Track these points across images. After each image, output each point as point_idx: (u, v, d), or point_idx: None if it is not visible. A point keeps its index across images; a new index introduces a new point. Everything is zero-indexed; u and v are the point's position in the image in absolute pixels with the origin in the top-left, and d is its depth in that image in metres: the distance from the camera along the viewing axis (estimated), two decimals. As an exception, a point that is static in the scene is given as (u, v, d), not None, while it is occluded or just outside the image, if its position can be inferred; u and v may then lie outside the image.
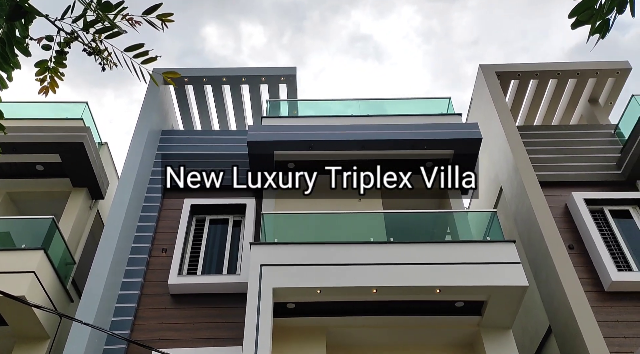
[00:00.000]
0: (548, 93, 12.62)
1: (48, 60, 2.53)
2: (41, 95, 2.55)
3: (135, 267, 9.09)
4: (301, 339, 8.07)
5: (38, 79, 2.54)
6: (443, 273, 7.71)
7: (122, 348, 7.96)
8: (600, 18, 2.78)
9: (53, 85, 2.54)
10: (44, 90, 2.56)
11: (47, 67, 2.54)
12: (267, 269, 7.85)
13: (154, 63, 2.48)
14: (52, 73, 2.55)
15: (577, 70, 11.94)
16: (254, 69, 11.86)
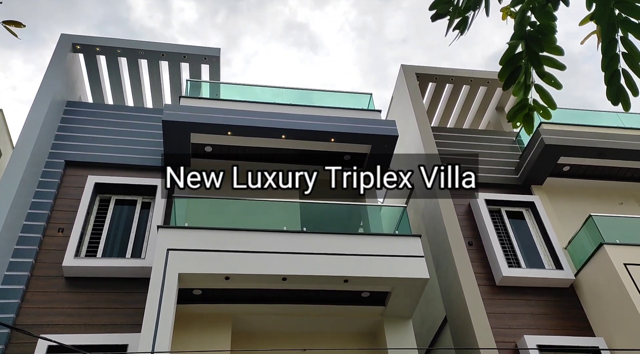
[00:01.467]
0: (461, 98, 13.31)
1: None
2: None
3: (26, 246, 8.36)
4: (206, 326, 7.88)
5: None
6: (351, 264, 7.85)
7: (4, 332, 7.29)
8: (460, 15, 3.00)
9: None
10: None
11: None
12: (174, 254, 7.56)
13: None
14: None
15: (487, 78, 12.69)
16: (175, 46, 11.33)
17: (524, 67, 3.13)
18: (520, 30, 3.02)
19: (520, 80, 3.18)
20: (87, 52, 10.99)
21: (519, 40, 3.07)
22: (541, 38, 2.98)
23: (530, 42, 3.02)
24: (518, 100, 3.24)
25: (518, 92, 3.22)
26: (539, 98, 3.20)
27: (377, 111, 10.75)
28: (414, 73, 12.31)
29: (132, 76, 11.71)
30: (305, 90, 11.64)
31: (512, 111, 3.28)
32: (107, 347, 7.37)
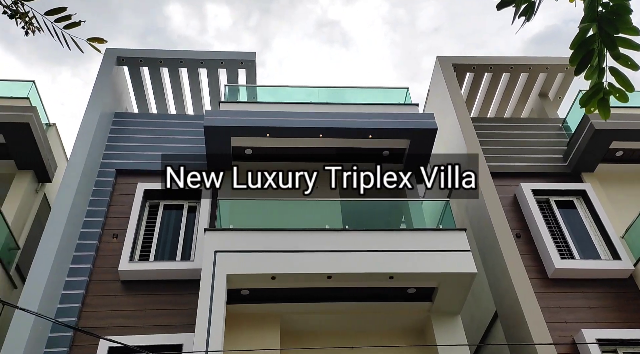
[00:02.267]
0: (501, 87, 12.99)
1: None
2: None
3: (84, 253, 8.80)
4: (255, 326, 8.06)
5: None
6: (396, 260, 7.85)
7: (69, 335, 7.72)
8: (526, 1, 2.93)
9: None
10: None
11: None
12: (222, 255, 7.78)
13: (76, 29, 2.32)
14: None
15: (528, 64, 12.33)
16: (212, 53, 11.62)
17: (597, 49, 3.00)
18: (591, 12, 2.90)
19: (593, 63, 3.06)
20: (130, 64, 11.43)
21: (590, 23, 2.94)
22: (615, 19, 2.86)
23: (604, 24, 2.90)
24: (592, 85, 3.12)
25: (591, 76, 3.09)
26: (614, 81, 3.06)
27: (415, 105, 10.67)
28: (450, 64, 12.10)
29: (173, 84, 12.09)
30: (340, 88, 11.69)
31: (585, 96, 3.14)
32: (164, 347, 7.67)
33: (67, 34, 2.27)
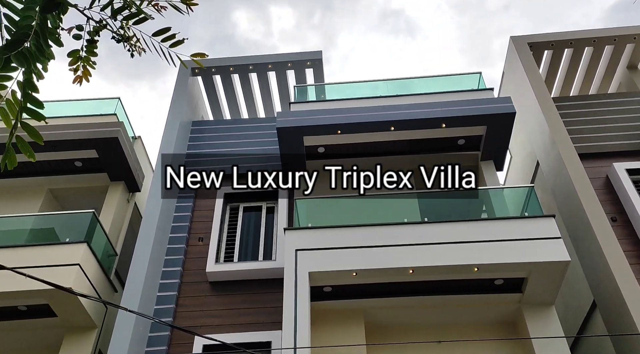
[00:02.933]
0: (584, 62, 12.14)
1: (80, 50, 2.58)
2: (76, 85, 2.61)
3: (174, 256, 9.30)
4: (339, 322, 8.12)
5: (71, 69, 2.59)
6: (480, 251, 7.58)
7: (166, 334, 8.19)
8: None
9: (86, 74, 2.59)
10: (78, 80, 2.61)
11: (79, 57, 2.58)
12: (302, 253, 7.89)
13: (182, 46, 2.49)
14: (84, 63, 2.59)
15: (613, 36, 11.42)
16: (280, 56, 11.83)
17: None
18: None
19: None
20: (204, 73, 11.92)
21: None
22: None
23: None
24: None
25: None
26: None
27: (489, 89, 10.24)
28: (525, 44, 11.49)
29: (244, 90, 12.46)
30: (409, 78, 11.48)
31: None
32: (253, 344, 7.93)
33: (172, 52, 2.44)
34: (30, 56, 2.01)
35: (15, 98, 2.12)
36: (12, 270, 2.87)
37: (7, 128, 2.13)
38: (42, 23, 2.07)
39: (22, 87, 2.09)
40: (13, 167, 2.12)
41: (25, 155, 2.17)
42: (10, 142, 2.11)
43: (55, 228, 9.64)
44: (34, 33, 2.04)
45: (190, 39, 2.59)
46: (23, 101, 2.10)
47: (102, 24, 2.49)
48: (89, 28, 2.52)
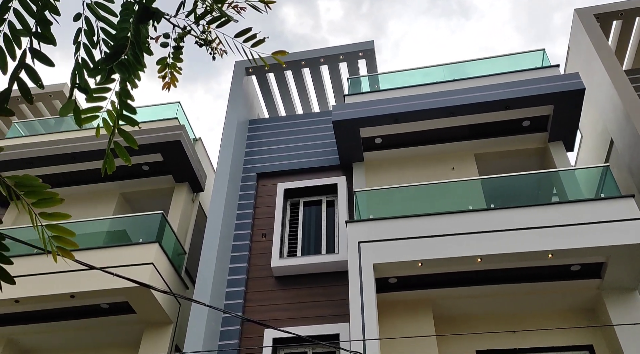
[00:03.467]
0: (658, 30, 11.26)
1: (167, 57, 2.70)
2: (164, 91, 2.73)
3: (240, 253, 9.51)
4: (407, 313, 8.01)
5: (160, 76, 2.73)
6: (554, 236, 7.22)
7: (237, 329, 8.40)
8: None
9: (173, 80, 2.72)
10: (167, 86, 2.74)
11: (166, 64, 2.71)
12: (365, 245, 7.84)
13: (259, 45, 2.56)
14: (171, 69, 2.72)
15: (691, -2, 10.51)
16: (331, 49, 11.78)
17: None
18: None
19: None
20: (258, 72, 12.08)
21: None
22: None
23: None
24: None
25: None
26: None
27: (555, 66, 9.71)
28: (591, 16, 10.79)
29: (298, 86, 12.52)
30: (466, 62, 11.10)
31: None
32: (321, 337, 7.97)
33: (254, 52, 2.54)
34: (129, 65, 2.12)
35: (114, 107, 2.22)
36: (102, 270, 3.03)
37: (96, 137, 2.26)
38: (136, 33, 2.17)
39: (119, 96, 2.20)
40: (112, 172, 2.23)
41: (123, 160, 2.31)
42: (109, 148, 2.21)
43: (126, 230, 10.14)
44: (130, 44, 2.14)
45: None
46: (120, 109, 2.21)
47: (186, 30, 2.58)
48: (174, 35, 2.62)
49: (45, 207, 1.68)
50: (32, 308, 8.68)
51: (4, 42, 1.98)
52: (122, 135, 2.23)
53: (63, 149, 10.83)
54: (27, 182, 1.67)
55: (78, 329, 9.11)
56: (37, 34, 2.02)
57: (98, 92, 2.17)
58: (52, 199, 1.66)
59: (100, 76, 2.16)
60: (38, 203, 1.67)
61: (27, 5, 1.97)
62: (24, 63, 1.99)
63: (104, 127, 2.22)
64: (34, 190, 1.68)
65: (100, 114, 2.21)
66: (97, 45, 2.21)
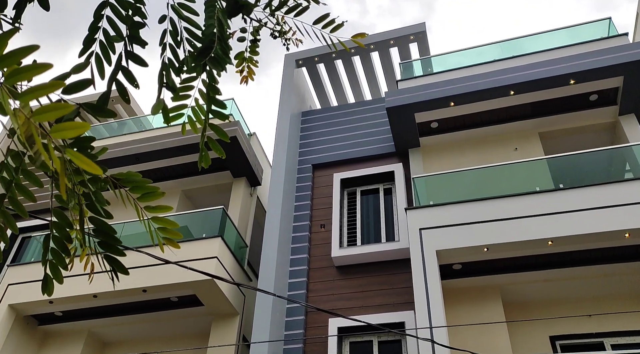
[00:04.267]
0: None
1: (244, 51, 2.73)
2: (242, 85, 2.76)
3: (300, 244, 9.60)
4: (474, 300, 7.83)
5: (238, 71, 2.75)
6: (630, 215, 6.81)
7: (301, 319, 8.50)
8: None
9: (250, 73, 2.74)
10: (244, 80, 2.76)
11: (244, 58, 2.73)
12: (427, 232, 7.70)
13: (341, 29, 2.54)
14: (248, 63, 2.73)
15: None
16: (381, 34, 11.59)
17: None
18: None
19: None
20: (308, 64, 12.09)
21: None
22: None
23: None
24: None
25: None
26: None
27: (624, 35, 9.11)
28: (661, -24, 10.03)
29: (349, 74, 12.42)
30: (522, 37, 10.60)
31: None
32: (386, 325, 7.93)
33: (333, 37, 2.52)
34: (220, 59, 2.17)
35: (198, 104, 2.27)
36: (177, 265, 3.11)
37: (182, 134, 2.30)
38: (220, 29, 2.20)
39: (206, 92, 2.25)
40: (208, 166, 2.29)
41: (217, 153, 2.35)
42: (203, 143, 2.25)
43: (188, 226, 10.45)
44: (217, 39, 2.18)
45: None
46: (208, 104, 2.25)
47: (262, 23, 2.59)
48: (250, 29, 2.64)
49: (148, 201, 1.74)
50: (109, 302, 9.16)
51: (100, 49, 2.06)
52: (214, 129, 2.26)
53: (126, 151, 11.30)
54: (130, 178, 1.73)
55: (151, 322, 9.54)
56: (130, 37, 2.10)
57: (183, 90, 2.22)
58: (155, 193, 1.72)
59: (196, 72, 2.20)
60: (142, 198, 1.73)
61: (118, 12, 2.05)
62: (121, 65, 2.06)
63: (188, 123, 2.25)
64: (137, 185, 1.73)
65: (185, 111, 2.25)
66: (181, 44, 2.25)
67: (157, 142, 10.98)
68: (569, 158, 8.32)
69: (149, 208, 1.71)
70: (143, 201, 1.70)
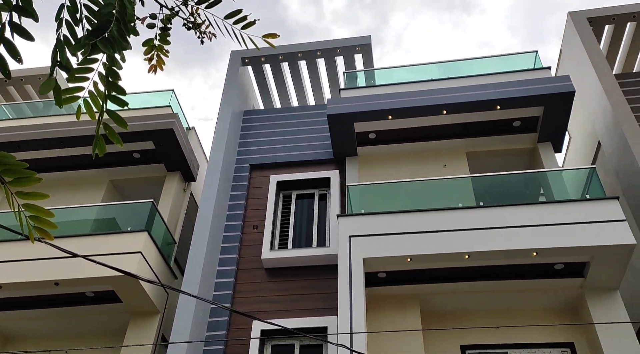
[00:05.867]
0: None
1: (154, 39, 2.63)
2: (150, 74, 2.69)
3: (230, 244, 9.56)
4: (395, 308, 8.14)
5: (146, 59, 2.66)
6: (539, 235, 7.38)
7: (225, 319, 8.47)
8: None
9: (160, 63, 2.66)
10: (153, 69, 2.69)
11: (153, 46, 2.64)
12: (356, 240, 7.94)
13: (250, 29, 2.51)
14: (158, 51, 2.65)
15: (682, 6, 10.69)
16: (328, 42, 11.80)
17: None
18: None
19: None
20: (254, 63, 12.06)
21: None
22: None
23: None
24: None
25: None
26: None
27: (546, 68, 9.85)
28: (584, 19, 10.94)
29: (294, 78, 12.52)
30: (460, 61, 11.19)
31: None
32: (309, 329, 8.06)
33: (244, 34, 2.45)
34: (114, 41, 2.07)
35: (97, 88, 2.21)
36: (85, 258, 3.01)
37: (77, 118, 2.23)
38: (121, 9, 2.12)
39: (105, 76, 2.17)
40: (102, 154, 2.21)
41: (114, 141, 2.27)
42: (99, 130, 2.21)
43: (116, 218, 10.11)
44: (115, 20, 2.09)
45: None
46: (107, 89, 2.18)
47: (174, 11, 2.52)
48: (161, 16, 2.56)
49: (22, 186, 1.61)
50: (15, 294, 8.63)
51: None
52: (111, 115, 2.19)
53: (51, 133, 10.72)
54: (2, 160, 1.58)
55: (62, 317, 9.05)
56: (17, 7, 1.93)
57: (80, 72, 2.12)
58: (30, 178, 1.58)
59: (82, 52, 2.11)
60: (14, 182, 1.58)
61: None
62: (3, 36, 1.89)
63: (84, 107, 2.17)
64: (10, 168, 1.58)
65: (83, 95, 2.15)
66: (80, 22, 2.14)
67: (84, 126, 10.46)
68: (491, 178, 8.89)
69: (22, 194, 1.63)
70: (15, 187, 1.61)
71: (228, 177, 10.42)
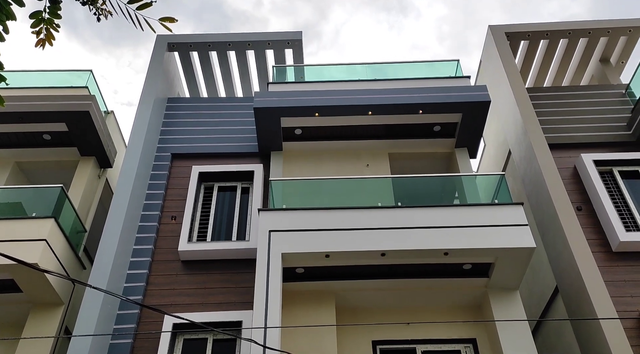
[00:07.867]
0: (558, 54, 12.36)
1: (42, 11, 2.43)
2: (38, 49, 2.49)
3: (146, 234, 9.20)
4: (311, 303, 8.20)
5: (34, 32, 2.46)
6: (450, 236, 7.73)
7: (136, 312, 8.14)
8: None
9: (49, 37, 2.45)
10: (41, 43, 2.49)
11: (41, 19, 2.44)
12: (276, 235, 7.92)
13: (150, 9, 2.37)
14: (47, 25, 2.46)
15: (588, 29, 11.63)
16: (259, 34, 11.66)
17: None
18: None
19: None
20: (181, 49, 11.66)
21: None
22: None
23: None
24: None
25: None
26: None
27: (466, 77, 10.34)
28: (503, 34, 11.60)
29: (222, 68, 12.25)
30: (388, 63, 11.48)
31: None
32: (224, 324, 7.96)
33: (140, 16, 2.30)
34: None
35: None
36: None
37: None
38: None
39: None
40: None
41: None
42: None
43: (22, 203, 9.40)
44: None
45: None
46: None
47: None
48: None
49: None
50: None
51: None
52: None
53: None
54: None
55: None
56: None
57: None
58: None
59: None
60: None
61: None
62: None
63: None
64: None
65: None
66: None
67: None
68: (410, 179, 9.20)
69: None
70: None
71: (147, 164, 10.01)
